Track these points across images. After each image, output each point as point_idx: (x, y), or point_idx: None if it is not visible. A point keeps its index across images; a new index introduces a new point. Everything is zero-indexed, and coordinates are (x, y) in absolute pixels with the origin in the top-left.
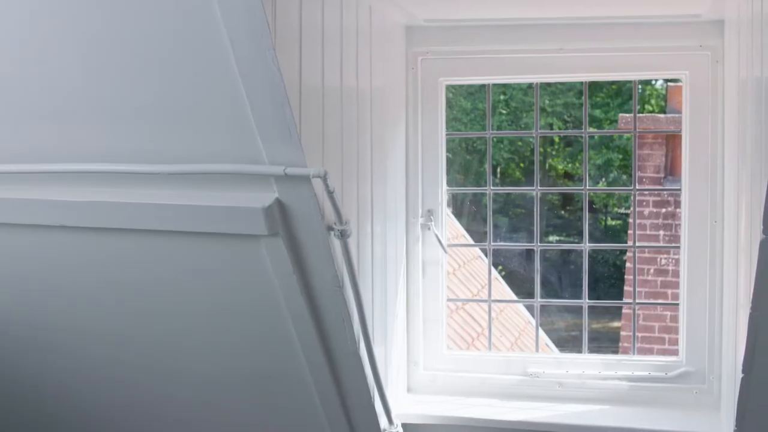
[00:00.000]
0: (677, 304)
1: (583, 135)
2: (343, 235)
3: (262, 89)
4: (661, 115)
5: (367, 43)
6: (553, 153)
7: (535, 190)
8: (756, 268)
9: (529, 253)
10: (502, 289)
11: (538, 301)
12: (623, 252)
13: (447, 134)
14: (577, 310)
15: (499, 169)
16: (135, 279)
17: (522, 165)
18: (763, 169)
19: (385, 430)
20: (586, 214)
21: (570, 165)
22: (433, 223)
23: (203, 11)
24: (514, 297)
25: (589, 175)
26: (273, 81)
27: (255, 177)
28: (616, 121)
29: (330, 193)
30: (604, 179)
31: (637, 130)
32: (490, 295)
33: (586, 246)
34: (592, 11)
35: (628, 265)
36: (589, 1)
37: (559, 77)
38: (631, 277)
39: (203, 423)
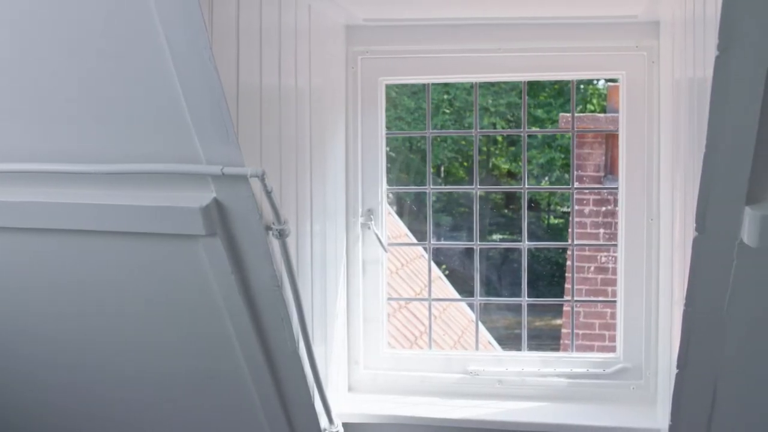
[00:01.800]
0: (615, 301)
1: (522, 134)
2: (281, 235)
3: (199, 88)
4: (601, 115)
5: (306, 43)
6: (497, 152)
7: (475, 189)
8: (689, 264)
9: (473, 252)
10: (445, 287)
11: (477, 299)
12: (565, 250)
13: (387, 133)
14: (520, 308)
15: (442, 168)
16: (72, 280)
17: (465, 164)
18: (695, 168)
19: (325, 429)
20: (525, 213)
21: (513, 164)
22: (373, 222)
23: (139, 9)
24: (457, 296)
25: (533, 174)
26: (210, 80)
27: (192, 177)
28: (557, 120)
29: (268, 193)
30: (547, 178)
31: (576, 129)
32: (430, 294)
33: (525, 244)
34: (530, 12)
35: (569, 263)
36: (528, 2)
37: (498, 77)
38: (572, 274)
39: (143, 423)
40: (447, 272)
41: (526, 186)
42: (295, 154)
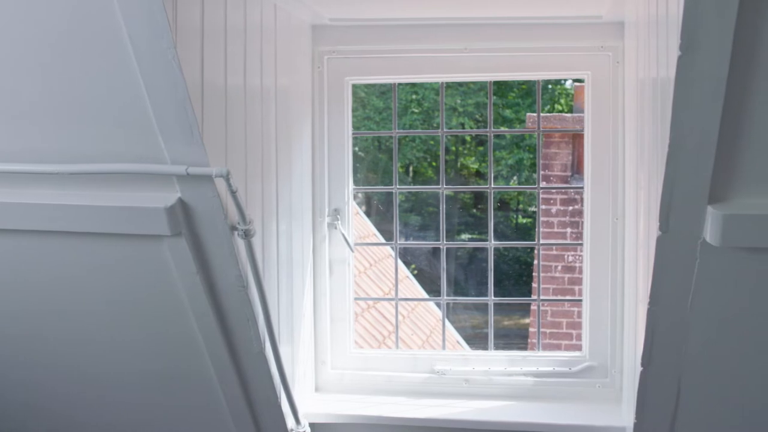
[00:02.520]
0: (581, 300)
1: (488, 134)
2: (246, 235)
3: (163, 88)
4: (568, 115)
5: (272, 42)
6: (465, 152)
7: (441, 189)
8: (653, 263)
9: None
10: (413, 287)
11: (444, 299)
12: (534, 249)
13: (354, 133)
14: (488, 308)
15: (411, 168)
16: (37, 280)
17: (434, 164)
18: (659, 168)
19: (292, 429)
20: (491, 213)
21: (481, 164)
22: (339, 221)
23: (102, 8)
24: (425, 295)
25: (502, 174)
26: (174, 80)
27: (157, 177)
28: (525, 120)
29: (233, 193)
30: (515, 178)
31: (541, 129)
32: (396, 293)
33: (492, 244)
34: (496, 12)
35: (536, 262)
36: (494, 2)
37: (464, 77)
38: (538, 274)
39: (109, 423)
40: (416, 272)
41: (492, 186)
42: (260, 154)
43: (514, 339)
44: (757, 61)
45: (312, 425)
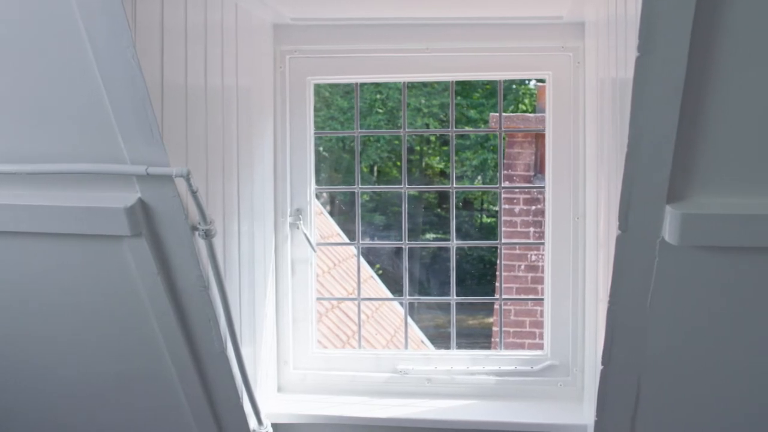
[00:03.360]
0: (543, 299)
1: (450, 134)
2: (207, 235)
3: (122, 87)
4: (531, 115)
5: (233, 42)
6: (430, 152)
7: (403, 189)
8: (613, 262)
9: (408, 251)
10: (377, 287)
11: (407, 298)
12: (497, 249)
13: (316, 133)
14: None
15: (376, 168)
16: None
17: (399, 164)
18: (618, 167)
19: (254, 430)
20: (453, 212)
21: (446, 164)
22: (301, 221)
23: (60, 6)
24: (389, 295)
25: (467, 174)
26: (134, 79)
27: (117, 177)
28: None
29: (194, 193)
30: (480, 178)
31: (503, 129)
32: (359, 293)
33: (454, 243)
34: (458, 12)
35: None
36: (455, 2)
37: (426, 77)
38: (499, 273)
39: (70, 423)
40: (380, 272)
41: (455, 186)
42: (221, 154)
43: (479, 338)
44: (713, 61)
45: (274, 426)
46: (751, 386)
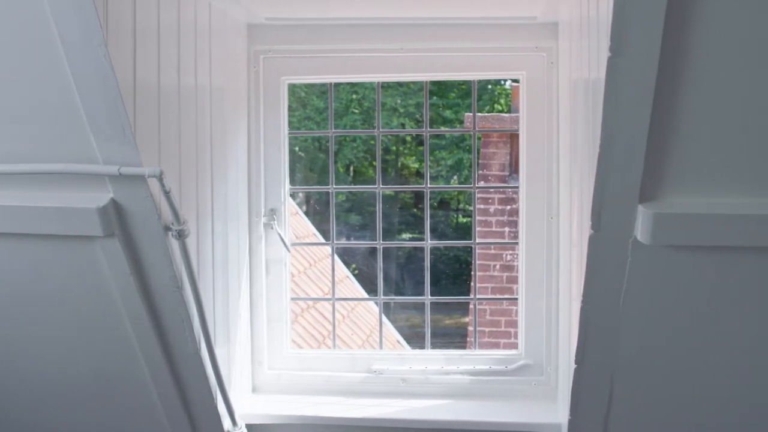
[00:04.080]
0: (517, 299)
1: (425, 134)
2: (181, 235)
3: (94, 86)
4: (506, 115)
5: (207, 41)
6: (405, 152)
7: (377, 189)
8: (586, 262)
9: (384, 251)
10: (353, 287)
11: (381, 298)
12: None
13: (290, 133)
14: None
15: (352, 168)
16: None
17: (375, 164)
18: (591, 167)
19: (228, 430)
20: (427, 212)
21: (422, 164)
22: (276, 221)
23: (31, 5)
24: (365, 295)
25: (442, 174)
26: (106, 78)
27: (89, 177)
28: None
29: (166, 193)
30: (455, 178)
31: (477, 129)
32: (333, 293)
33: (428, 243)
34: (432, 12)
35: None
36: (429, 2)
37: (400, 77)
38: (477, 273)
39: (43, 424)
40: (356, 272)
41: (429, 185)
42: (195, 154)
43: (455, 338)
44: (684, 62)
45: (249, 426)
46: (724, 385)
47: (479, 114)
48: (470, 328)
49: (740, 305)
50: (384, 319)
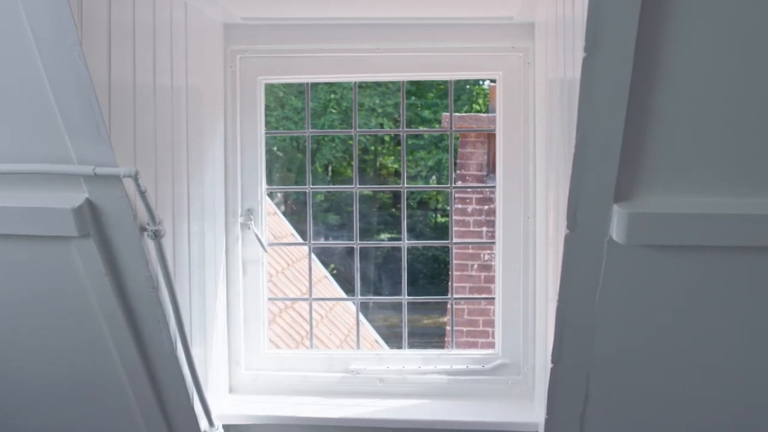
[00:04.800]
0: (494, 299)
1: (401, 134)
2: (156, 236)
3: (68, 86)
4: (483, 115)
5: (183, 41)
6: (384, 152)
7: (354, 189)
8: (561, 261)
9: (362, 251)
10: (331, 287)
11: (358, 298)
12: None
13: (266, 133)
14: (407, 307)
15: (330, 168)
16: None
17: (353, 163)
18: (567, 167)
19: (205, 431)
20: (404, 212)
21: (400, 164)
22: (253, 222)
23: (5, 4)
24: (343, 295)
25: (421, 174)
26: (80, 78)
27: (63, 177)
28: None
29: (142, 193)
30: (434, 178)
31: (453, 129)
32: (310, 293)
33: (405, 243)
34: (408, 12)
35: (455, 261)
36: (406, 2)
37: (377, 77)
38: (455, 272)
39: (18, 425)
40: (334, 272)
41: (406, 185)
42: (171, 154)
43: (433, 337)
44: (659, 62)
45: (226, 426)
46: (699, 384)
47: (457, 114)
48: (448, 328)
49: (716, 304)
50: (362, 319)
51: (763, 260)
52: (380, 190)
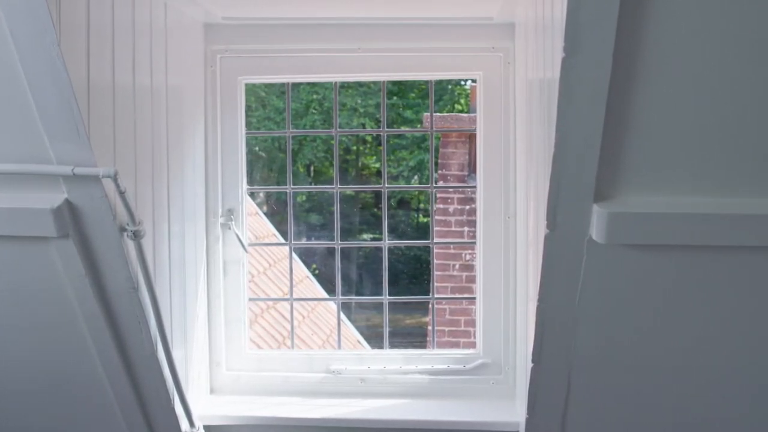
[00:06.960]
0: (474, 298)
1: (382, 134)
2: (136, 236)
3: (47, 86)
4: (464, 115)
5: (163, 41)
6: (366, 152)
7: (335, 189)
8: (541, 261)
9: (344, 252)
10: (313, 287)
11: (339, 298)
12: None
13: (247, 133)
14: (389, 306)
15: (312, 168)
16: None
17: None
18: (547, 167)
19: None
20: (385, 212)
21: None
22: (233, 222)
23: None
24: (325, 295)
25: (403, 174)
26: (58, 77)
27: (42, 177)
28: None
29: (121, 194)
30: (416, 177)
31: (434, 129)
32: (291, 293)
33: (386, 243)
34: (389, 12)
35: (436, 261)
36: (386, 2)
37: (358, 77)
38: (437, 272)
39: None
40: (316, 272)
41: (386, 185)
42: (151, 154)
43: (416, 337)
44: (638, 62)
45: (207, 427)
46: (680, 383)
47: (438, 114)
48: (429, 328)
49: (696, 303)
50: (344, 319)
51: (742, 259)
52: (362, 190)
